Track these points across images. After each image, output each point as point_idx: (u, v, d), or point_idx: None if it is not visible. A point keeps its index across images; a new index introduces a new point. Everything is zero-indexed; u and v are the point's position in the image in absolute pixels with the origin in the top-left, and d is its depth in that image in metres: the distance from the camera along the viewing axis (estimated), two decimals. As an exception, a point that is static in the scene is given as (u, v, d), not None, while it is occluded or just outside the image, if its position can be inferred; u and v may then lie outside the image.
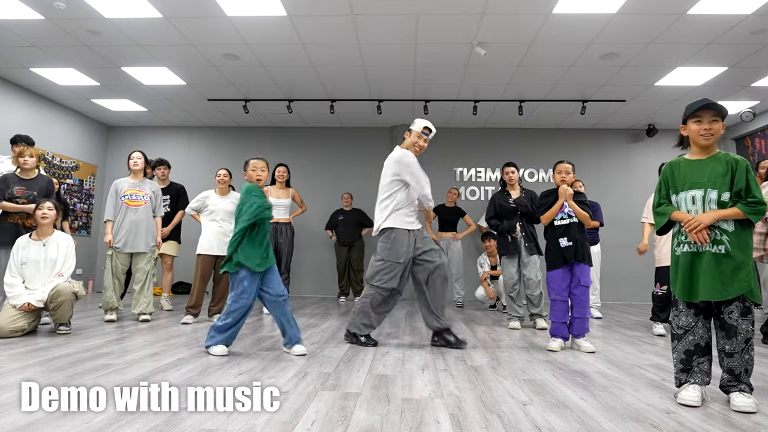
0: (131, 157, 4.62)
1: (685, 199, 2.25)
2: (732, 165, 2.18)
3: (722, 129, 2.24)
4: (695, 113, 2.23)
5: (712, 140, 2.23)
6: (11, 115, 6.50)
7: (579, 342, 3.49)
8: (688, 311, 2.23)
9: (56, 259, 3.79)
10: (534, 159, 7.94)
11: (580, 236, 3.47)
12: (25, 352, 3.01)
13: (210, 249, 4.53)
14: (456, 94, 6.64)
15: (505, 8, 4.44)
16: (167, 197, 5.51)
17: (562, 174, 3.54)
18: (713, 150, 2.27)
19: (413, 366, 2.86)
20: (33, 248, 3.76)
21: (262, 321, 4.69)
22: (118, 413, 1.89)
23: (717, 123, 2.22)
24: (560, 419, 1.95)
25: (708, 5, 4.29)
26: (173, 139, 8.47)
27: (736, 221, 2.15)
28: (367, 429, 1.79)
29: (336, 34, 4.99)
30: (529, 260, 4.52)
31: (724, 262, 2.12)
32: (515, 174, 4.72)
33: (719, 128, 2.22)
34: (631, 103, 6.86)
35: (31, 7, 4.53)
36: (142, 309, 4.49)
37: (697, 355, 2.20)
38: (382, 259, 3.44)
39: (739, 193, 2.15)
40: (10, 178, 4.12)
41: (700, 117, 2.23)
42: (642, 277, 7.33)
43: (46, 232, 3.83)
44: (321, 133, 8.35)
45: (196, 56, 5.57)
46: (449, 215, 6.83)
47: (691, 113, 2.24)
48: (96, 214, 8.18)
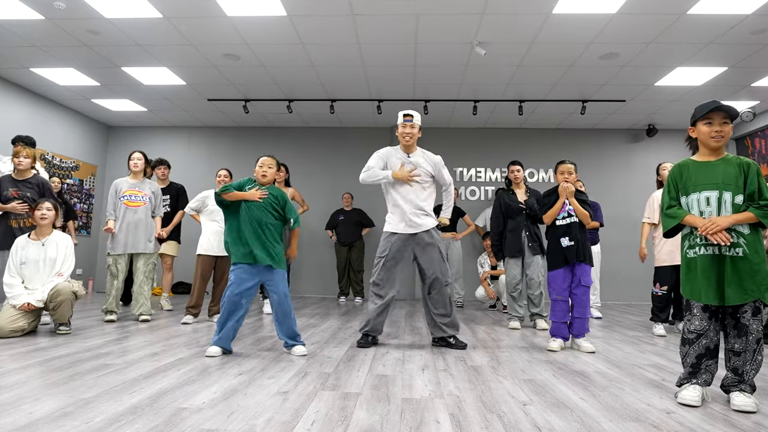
0: (131, 157, 4.62)
1: (698, 201, 2.23)
2: (744, 168, 2.18)
3: (732, 131, 2.24)
4: (706, 115, 2.23)
5: (722, 142, 2.23)
6: (11, 115, 6.50)
7: (579, 342, 3.49)
8: (702, 315, 2.21)
9: (55, 258, 3.79)
10: (534, 159, 7.94)
11: (581, 236, 3.48)
12: (25, 352, 3.01)
13: (210, 249, 4.52)
14: (456, 94, 6.64)
15: (505, 8, 4.44)
16: (167, 197, 5.51)
17: (564, 174, 3.54)
18: (722, 152, 2.27)
19: (413, 366, 2.86)
20: (32, 248, 3.76)
21: (262, 321, 4.69)
22: (118, 413, 1.89)
23: (727, 125, 2.21)
24: (560, 419, 1.95)
25: (708, 5, 4.29)
26: (173, 139, 8.47)
27: (750, 224, 2.15)
28: (367, 429, 1.79)
29: (336, 34, 4.99)
30: (533, 260, 4.53)
31: (742, 265, 2.12)
32: (521, 173, 4.72)
33: (729, 130, 2.22)
34: (631, 103, 6.86)
35: (31, 7, 4.53)
36: (142, 310, 4.49)
37: (706, 358, 2.21)
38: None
39: (751, 196, 2.15)
40: (5, 180, 4.13)
41: (710, 119, 2.23)
42: (642, 277, 7.34)
43: (44, 232, 3.83)
44: (321, 133, 8.35)
45: (196, 56, 5.57)
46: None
47: (701, 115, 2.24)
48: (96, 214, 8.18)
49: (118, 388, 2.23)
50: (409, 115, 3.53)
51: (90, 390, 2.20)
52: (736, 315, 2.16)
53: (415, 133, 3.55)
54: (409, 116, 3.53)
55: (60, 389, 2.20)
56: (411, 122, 3.53)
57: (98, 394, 2.14)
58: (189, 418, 1.86)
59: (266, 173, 3.23)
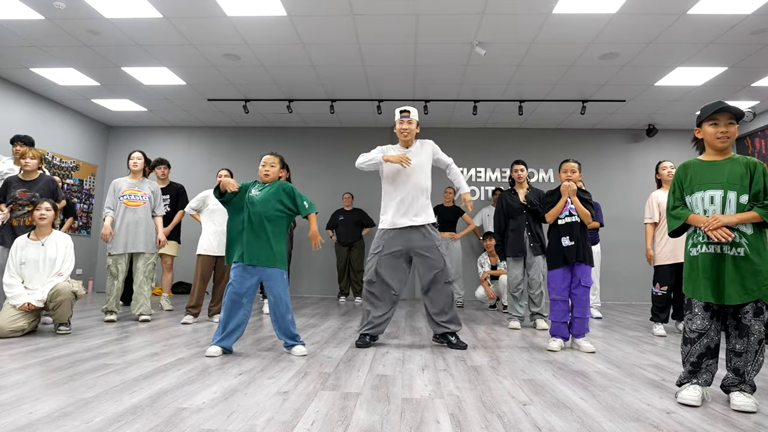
0: (131, 157, 4.62)
1: (702, 199, 2.24)
2: (750, 167, 2.18)
3: (737, 131, 2.25)
4: (711, 116, 2.23)
5: (728, 143, 2.24)
6: (11, 115, 6.50)
7: (579, 342, 3.49)
8: (704, 314, 2.20)
9: (55, 258, 3.79)
10: (534, 159, 7.93)
11: (582, 236, 3.47)
12: (25, 352, 3.01)
13: (210, 249, 4.52)
14: (456, 94, 6.64)
15: (505, 8, 4.44)
16: (167, 197, 5.51)
17: (567, 173, 3.53)
18: (728, 152, 2.27)
19: (413, 366, 2.86)
20: (32, 248, 3.76)
21: (262, 321, 4.69)
22: (118, 413, 1.89)
23: (733, 126, 2.22)
24: (560, 419, 1.95)
25: (708, 5, 4.29)
26: (173, 139, 8.47)
27: (754, 224, 2.15)
28: (367, 429, 1.79)
29: (336, 34, 4.99)
30: (534, 260, 4.54)
31: (743, 265, 2.12)
32: (524, 172, 4.72)
33: (735, 131, 2.23)
34: (631, 103, 6.86)
35: (31, 7, 4.53)
36: (142, 310, 4.49)
37: (707, 357, 2.21)
38: None
39: (757, 196, 2.15)
40: (12, 181, 4.18)
41: (716, 120, 2.23)
42: (642, 277, 7.35)
43: (44, 232, 3.83)
44: (321, 133, 8.35)
45: (196, 56, 5.57)
46: (448, 215, 6.83)
47: (707, 116, 2.24)
48: (96, 214, 8.18)
49: (118, 388, 2.23)
50: (406, 111, 3.55)
51: (90, 390, 2.20)
52: (738, 315, 2.16)
53: (412, 129, 3.55)
54: (406, 112, 3.55)
55: (60, 389, 2.20)
56: (408, 118, 3.55)
57: (98, 394, 2.14)
58: (189, 418, 1.86)
59: (268, 172, 3.21)
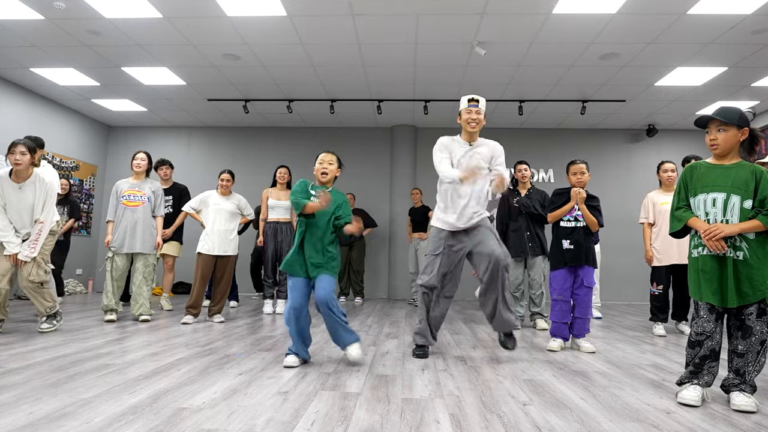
0: (135, 157, 4.60)
1: (705, 201, 2.24)
2: (756, 174, 2.17)
3: (740, 134, 2.21)
4: (706, 126, 2.27)
5: (720, 149, 2.24)
6: (11, 115, 6.50)
7: (579, 342, 3.49)
8: (709, 316, 2.20)
9: (33, 204, 3.63)
10: (534, 159, 7.93)
11: (585, 240, 3.43)
12: (25, 352, 3.01)
13: (210, 249, 4.52)
14: (456, 94, 6.64)
15: (505, 8, 4.44)
16: (170, 198, 5.50)
17: (576, 175, 3.46)
18: (736, 157, 2.26)
19: (413, 366, 2.86)
20: (10, 190, 3.60)
21: (262, 321, 4.69)
22: (118, 413, 1.89)
23: (725, 131, 2.21)
24: (560, 419, 1.95)
25: (708, 5, 4.29)
26: (173, 139, 8.47)
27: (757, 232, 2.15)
28: (367, 429, 1.79)
29: (336, 34, 4.99)
30: (534, 261, 4.54)
31: (743, 269, 2.13)
32: (527, 171, 4.72)
33: (730, 135, 2.21)
34: (631, 103, 6.86)
35: (31, 7, 4.53)
36: (142, 310, 4.48)
37: (710, 360, 2.21)
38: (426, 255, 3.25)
39: (762, 202, 2.14)
40: None
41: (708, 129, 2.26)
42: (642, 277, 7.33)
43: (22, 175, 3.62)
44: (321, 133, 8.35)
45: (196, 56, 5.57)
46: (417, 216, 6.84)
47: (702, 127, 2.28)
48: (96, 214, 8.18)
49: (118, 388, 2.23)
50: (475, 100, 3.19)
51: (90, 390, 2.20)
52: (741, 316, 2.17)
53: (481, 119, 3.20)
54: (475, 101, 3.19)
55: (60, 389, 2.20)
56: (477, 107, 3.19)
57: (98, 394, 2.14)
58: (189, 418, 1.86)
59: (326, 170, 2.94)
